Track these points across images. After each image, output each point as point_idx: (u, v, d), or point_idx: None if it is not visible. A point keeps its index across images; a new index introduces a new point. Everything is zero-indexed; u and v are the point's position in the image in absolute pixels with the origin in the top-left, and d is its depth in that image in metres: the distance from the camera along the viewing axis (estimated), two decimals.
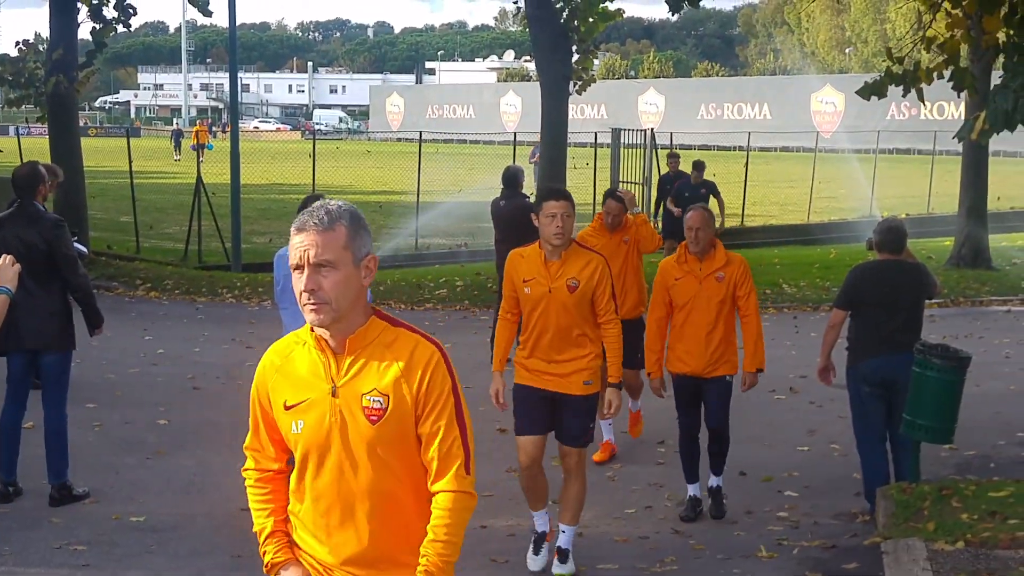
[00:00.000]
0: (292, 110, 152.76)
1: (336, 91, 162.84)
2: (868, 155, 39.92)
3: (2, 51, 21.36)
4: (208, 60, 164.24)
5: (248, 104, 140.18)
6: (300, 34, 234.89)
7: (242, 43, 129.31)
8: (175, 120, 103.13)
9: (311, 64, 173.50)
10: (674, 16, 20.84)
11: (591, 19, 20.91)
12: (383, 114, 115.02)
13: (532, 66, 31.66)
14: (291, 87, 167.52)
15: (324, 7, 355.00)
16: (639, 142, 27.37)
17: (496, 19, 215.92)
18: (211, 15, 22.08)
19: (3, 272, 5.35)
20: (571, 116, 23.08)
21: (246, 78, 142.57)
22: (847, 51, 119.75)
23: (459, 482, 3.65)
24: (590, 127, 44.51)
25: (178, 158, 59.97)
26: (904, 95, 13.32)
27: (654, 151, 27.33)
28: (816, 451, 10.56)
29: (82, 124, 35.60)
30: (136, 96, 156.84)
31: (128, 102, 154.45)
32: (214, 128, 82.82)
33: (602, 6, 20.97)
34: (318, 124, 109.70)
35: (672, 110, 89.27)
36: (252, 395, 3.80)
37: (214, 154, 42.79)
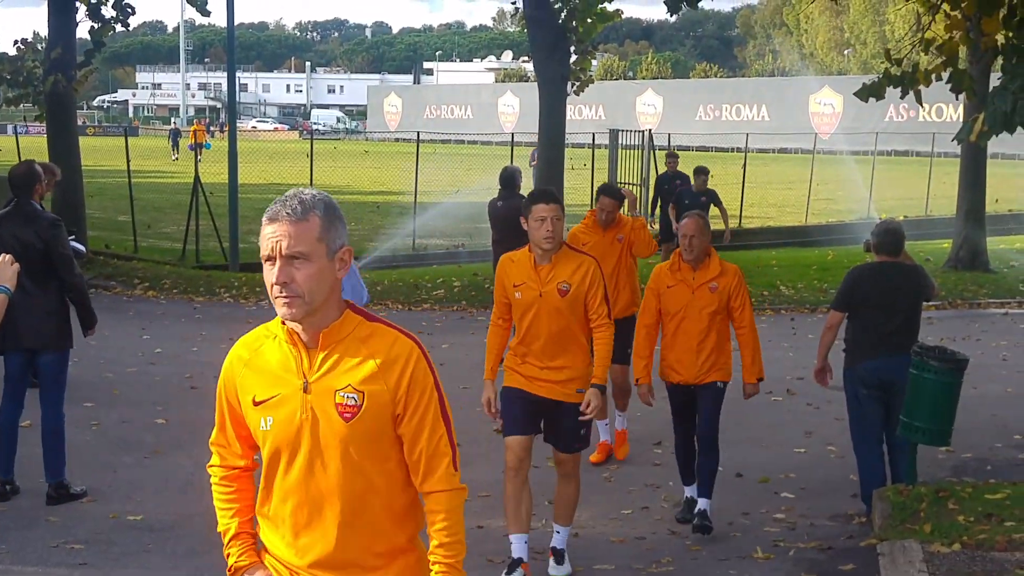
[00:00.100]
0: (290, 110, 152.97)
1: (334, 91, 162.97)
2: (866, 157, 39.90)
3: (1, 50, 21.29)
4: (206, 60, 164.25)
5: (246, 104, 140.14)
6: (298, 34, 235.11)
7: (240, 43, 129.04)
8: (173, 119, 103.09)
9: (309, 64, 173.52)
10: (672, 17, 20.83)
11: (589, 20, 20.93)
12: (381, 114, 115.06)
13: (530, 67, 31.71)
14: (289, 87, 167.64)
15: (322, 7, 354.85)
16: (637, 143, 27.43)
17: (494, 19, 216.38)
18: (209, 15, 22.12)
19: (2, 271, 5.34)
20: (569, 117, 23.09)
21: (244, 78, 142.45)
22: (846, 53, 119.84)
23: (450, 480, 3.56)
24: (588, 128, 44.59)
25: (176, 157, 59.95)
26: (902, 97, 13.33)
27: (652, 152, 27.36)
28: (813, 453, 10.57)
29: (80, 123, 35.53)
30: (134, 95, 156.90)
31: (126, 101, 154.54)
32: (212, 128, 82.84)
33: (600, 7, 20.99)
34: (316, 124, 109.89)
35: (670, 111, 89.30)
36: (219, 389, 3.67)
37: (212, 153, 42.86)
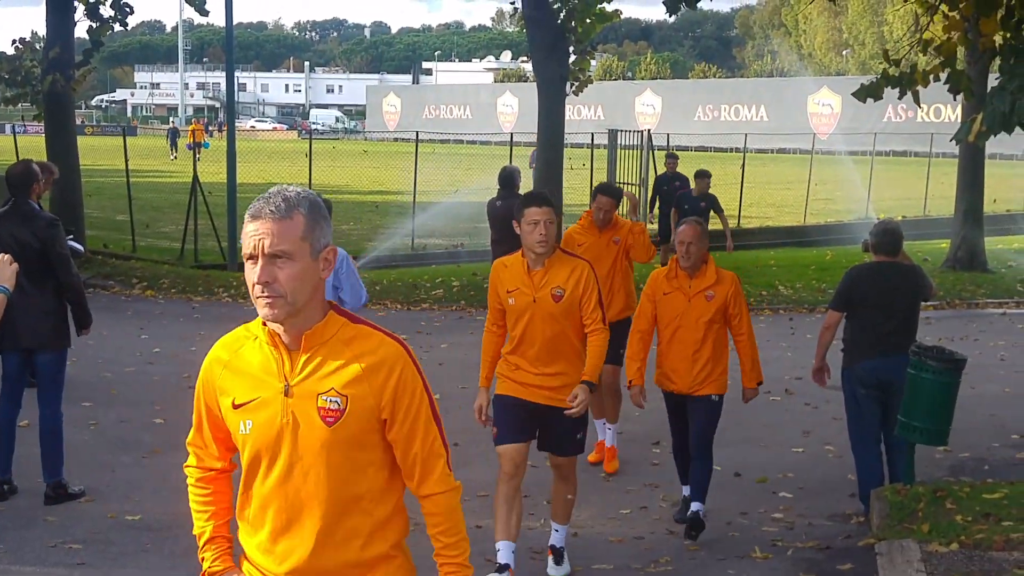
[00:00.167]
0: (289, 109, 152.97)
1: (333, 91, 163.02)
2: (864, 157, 39.91)
3: None
4: (205, 59, 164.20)
5: (245, 103, 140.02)
6: (297, 34, 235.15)
7: (239, 42, 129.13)
8: (171, 119, 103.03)
9: (308, 64, 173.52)
10: (671, 18, 20.81)
11: (588, 20, 20.91)
12: (380, 114, 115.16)
13: (529, 67, 31.70)
14: (288, 87, 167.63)
15: (321, 7, 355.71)
16: (636, 143, 27.40)
17: (493, 20, 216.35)
18: (208, 14, 22.08)
19: (1, 271, 5.34)
20: (568, 117, 23.09)
21: (243, 77, 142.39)
22: (844, 53, 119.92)
23: (446, 481, 3.51)
24: (587, 128, 44.56)
25: (174, 157, 59.96)
26: (900, 97, 13.32)
27: (651, 152, 27.35)
28: (811, 452, 10.57)
29: (79, 123, 35.54)
30: (133, 95, 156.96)
31: (125, 101, 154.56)
32: (210, 127, 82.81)
33: (599, 7, 20.97)
34: (314, 124, 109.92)
35: (669, 111, 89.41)
36: (197, 390, 3.56)
37: (210, 153, 42.80)
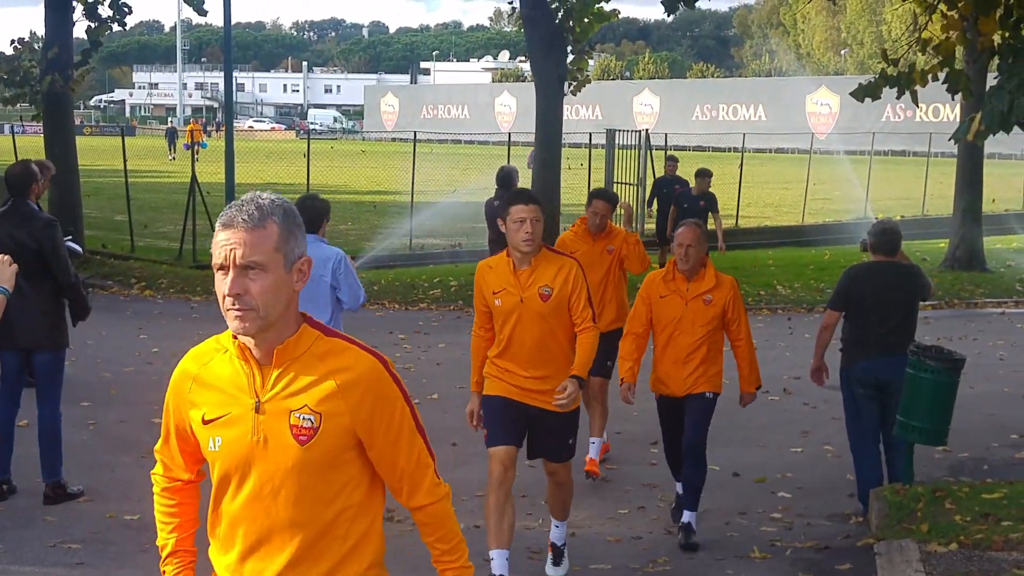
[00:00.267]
0: (287, 109, 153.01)
1: (331, 91, 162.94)
2: (863, 157, 39.92)
3: None
4: (203, 59, 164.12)
5: (243, 103, 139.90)
6: (295, 34, 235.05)
7: (237, 42, 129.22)
8: (170, 119, 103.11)
9: (306, 64, 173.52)
10: (669, 17, 20.82)
11: (586, 20, 20.92)
12: (378, 114, 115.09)
13: (527, 66, 31.70)
14: (286, 87, 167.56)
15: (319, 7, 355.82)
16: (634, 143, 27.42)
17: (491, 19, 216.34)
18: (206, 14, 22.09)
19: (1, 272, 5.34)
20: (566, 117, 23.11)
21: (241, 77, 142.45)
22: (842, 53, 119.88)
23: (435, 490, 3.43)
24: (585, 128, 44.61)
25: (173, 157, 59.95)
26: (898, 97, 13.31)
27: (649, 152, 27.37)
28: (809, 452, 10.57)
29: (77, 123, 35.51)
30: (131, 95, 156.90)
31: (123, 101, 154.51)
32: (208, 127, 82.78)
33: (597, 7, 20.97)
34: (313, 124, 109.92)
35: (667, 111, 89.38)
36: (166, 403, 3.44)
37: (209, 153, 42.76)
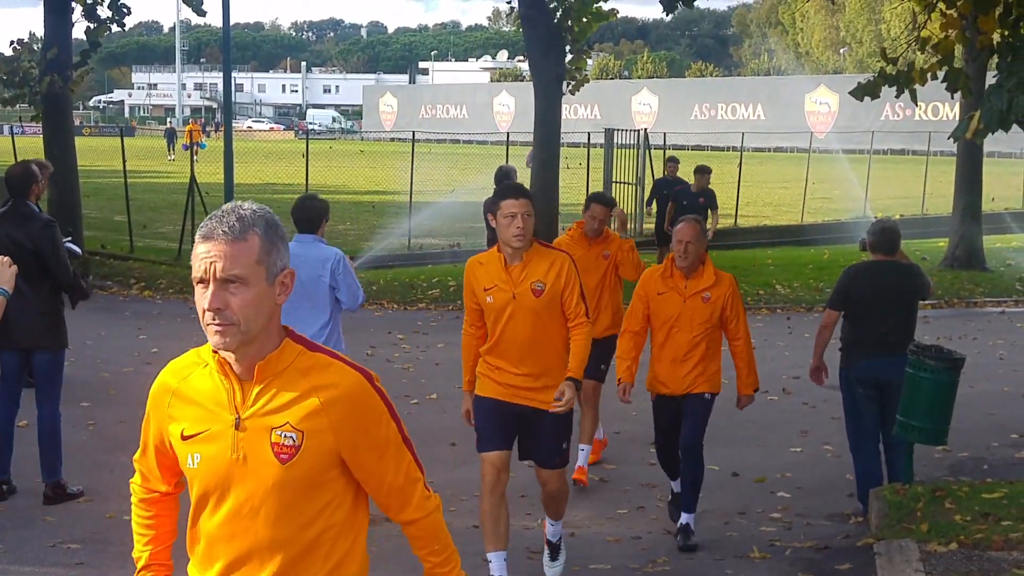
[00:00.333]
0: (286, 110, 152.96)
1: (329, 91, 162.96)
2: (862, 156, 39.90)
3: None
4: (202, 60, 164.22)
5: (242, 104, 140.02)
6: (294, 34, 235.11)
7: (236, 43, 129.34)
8: (169, 120, 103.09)
9: (305, 64, 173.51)
10: (668, 16, 20.83)
11: (584, 19, 20.90)
12: (376, 114, 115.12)
13: (525, 66, 31.63)
14: (285, 87, 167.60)
15: (318, 7, 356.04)
16: (632, 142, 27.43)
17: (490, 19, 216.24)
18: (205, 15, 22.07)
19: (0, 273, 5.33)
20: (564, 116, 23.09)
21: (240, 78, 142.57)
22: (841, 51, 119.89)
23: (425, 504, 3.36)
24: (583, 127, 44.56)
25: (172, 157, 59.95)
26: (897, 96, 13.29)
27: (647, 151, 27.37)
28: (809, 452, 10.57)
29: (76, 123, 35.48)
30: (130, 96, 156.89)
31: (122, 101, 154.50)
32: (207, 128, 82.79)
33: (596, 6, 20.96)
34: (311, 124, 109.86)
35: (666, 110, 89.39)
36: (146, 415, 3.36)
37: (208, 153, 42.79)
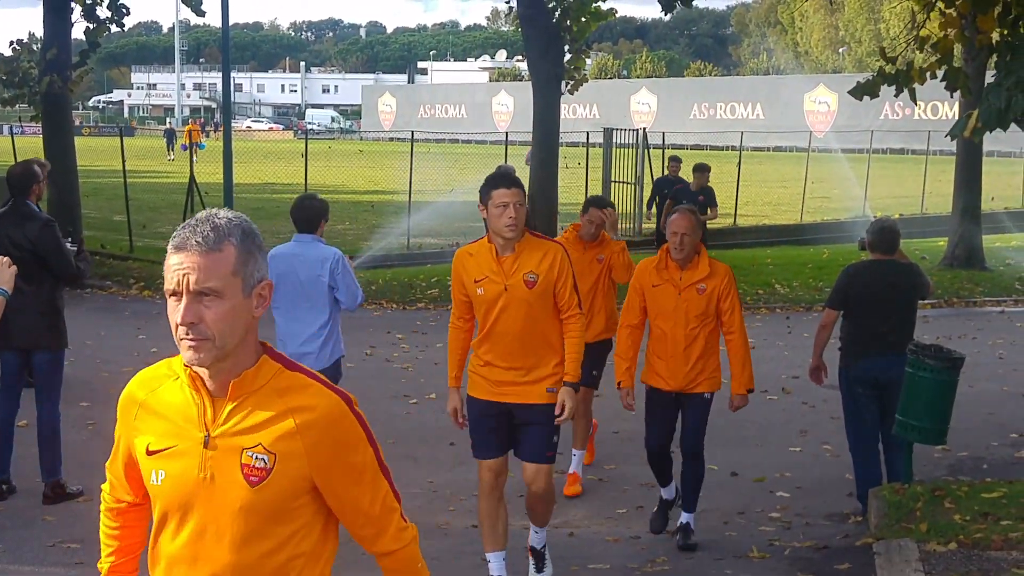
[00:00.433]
0: (285, 110, 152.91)
1: (328, 91, 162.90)
2: (861, 155, 39.88)
3: None
4: (201, 60, 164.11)
5: (241, 104, 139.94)
6: (293, 34, 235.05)
7: (235, 43, 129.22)
8: (168, 119, 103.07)
9: (304, 64, 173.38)
10: (667, 16, 20.82)
11: (583, 19, 20.92)
12: (375, 114, 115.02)
13: (524, 66, 31.72)
14: (284, 87, 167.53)
15: (317, 7, 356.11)
16: (631, 142, 27.43)
17: (488, 19, 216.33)
18: (204, 15, 22.06)
19: (0, 273, 5.33)
20: (563, 116, 23.09)
21: (239, 78, 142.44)
22: (840, 51, 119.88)
23: (401, 536, 3.17)
24: (582, 127, 44.60)
25: (171, 157, 59.94)
26: (897, 95, 13.29)
27: (646, 151, 27.37)
28: (808, 452, 10.56)
29: (76, 123, 35.47)
30: (130, 96, 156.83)
31: (122, 102, 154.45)
32: (207, 128, 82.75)
33: (594, 6, 20.98)
34: (310, 124, 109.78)
35: (665, 110, 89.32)
36: (118, 423, 3.24)
37: (207, 153, 42.81)
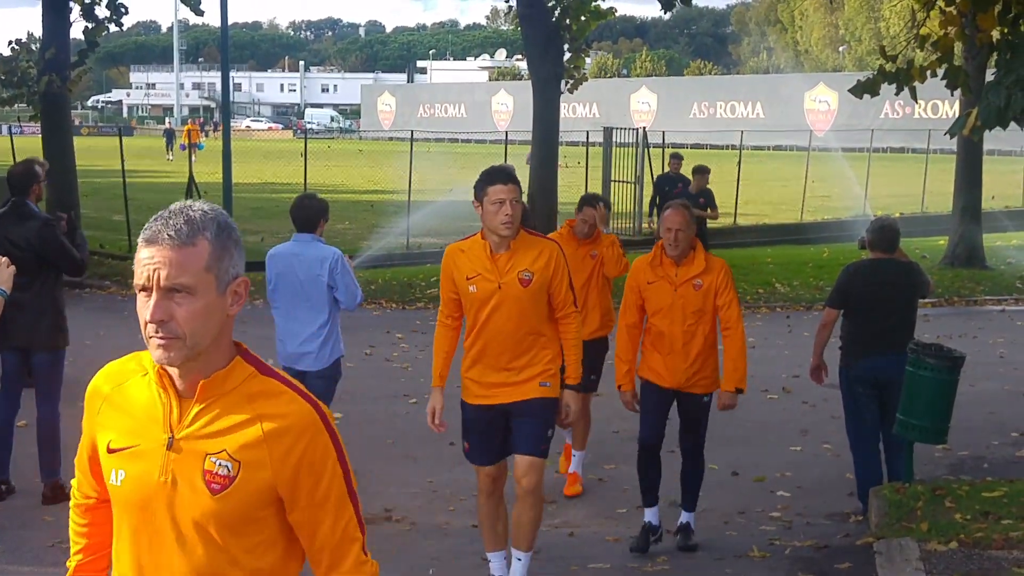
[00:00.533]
0: (284, 109, 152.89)
1: (328, 90, 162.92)
2: (862, 154, 39.87)
3: None
4: (200, 59, 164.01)
5: (240, 103, 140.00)
6: (292, 33, 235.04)
7: (234, 42, 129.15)
8: (167, 119, 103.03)
9: (303, 63, 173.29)
10: (666, 14, 20.85)
11: (583, 18, 20.92)
12: (374, 113, 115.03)
13: (524, 65, 31.74)
14: (283, 86, 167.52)
15: (316, 6, 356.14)
16: (631, 141, 27.43)
17: (488, 18, 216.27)
18: (203, 14, 22.02)
19: None
20: (563, 115, 23.10)
21: (238, 77, 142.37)
22: (841, 49, 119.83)
23: (360, 568, 2.95)
24: (582, 126, 44.56)
25: (171, 158, 59.90)
26: (897, 93, 13.26)
27: (646, 150, 27.37)
28: (809, 451, 10.55)
29: (75, 123, 35.52)
30: (128, 95, 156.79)
31: (120, 101, 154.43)
32: (206, 127, 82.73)
33: (594, 4, 20.99)
34: (310, 123, 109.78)
35: (665, 109, 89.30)
36: (84, 414, 3.06)
37: (206, 153, 42.81)
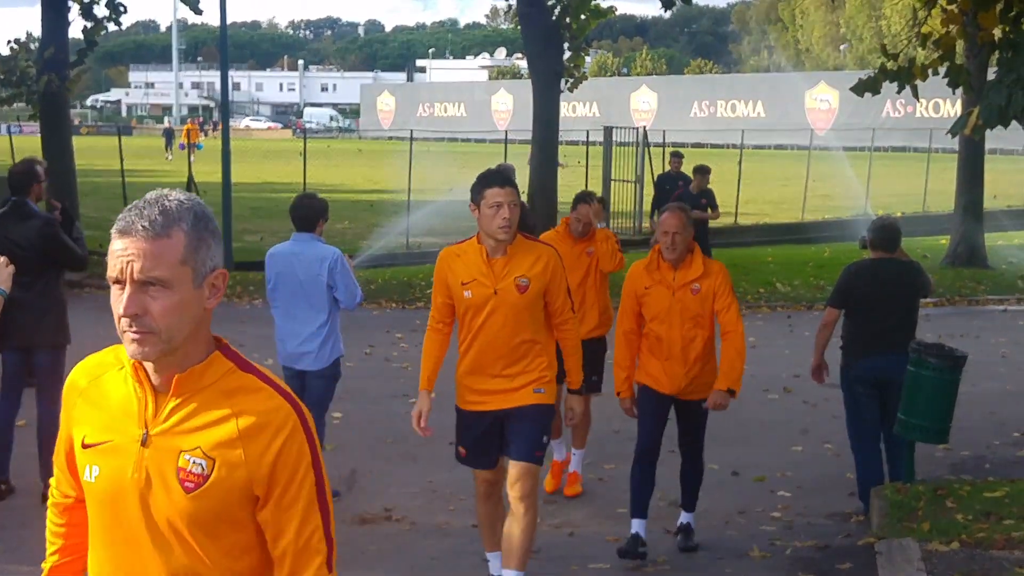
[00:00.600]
0: (283, 108, 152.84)
1: (327, 89, 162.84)
2: (863, 153, 39.86)
3: None
4: (199, 58, 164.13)
5: (239, 102, 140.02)
6: (291, 32, 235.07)
7: (233, 41, 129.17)
8: (166, 118, 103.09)
9: (302, 62, 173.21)
10: (667, 13, 20.85)
11: (583, 16, 20.92)
12: (374, 112, 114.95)
13: (524, 64, 31.77)
14: (282, 85, 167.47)
15: (315, 5, 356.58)
16: (632, 140, 27.42)
17: (488, 17, 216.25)
18: (202, 13, 22.02)
19: None
20: (563, 114, 23.10)
21: (237, 76, 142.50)
22: (842, 48, 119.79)
23: None
24: (582, 125, 44.55)
25: (170, 157, 59.89)
26: (899, 92, 13.24)
27: (647, 149, 27.36)
28: (809, 451, 10.53)
29: (74, 123, 35.48)
30: (127, 95, 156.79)
31: (119, 101, 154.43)
32: (205, 127, 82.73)
33: (594, 3, 21.00)
34: (309, 122, 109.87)
35: (665, 108, 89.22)
36: (62, 409, 2.97)
37: (205, 153, 42.86)
